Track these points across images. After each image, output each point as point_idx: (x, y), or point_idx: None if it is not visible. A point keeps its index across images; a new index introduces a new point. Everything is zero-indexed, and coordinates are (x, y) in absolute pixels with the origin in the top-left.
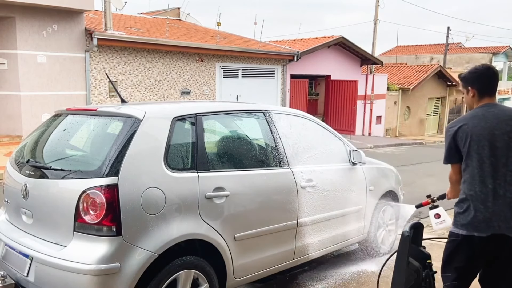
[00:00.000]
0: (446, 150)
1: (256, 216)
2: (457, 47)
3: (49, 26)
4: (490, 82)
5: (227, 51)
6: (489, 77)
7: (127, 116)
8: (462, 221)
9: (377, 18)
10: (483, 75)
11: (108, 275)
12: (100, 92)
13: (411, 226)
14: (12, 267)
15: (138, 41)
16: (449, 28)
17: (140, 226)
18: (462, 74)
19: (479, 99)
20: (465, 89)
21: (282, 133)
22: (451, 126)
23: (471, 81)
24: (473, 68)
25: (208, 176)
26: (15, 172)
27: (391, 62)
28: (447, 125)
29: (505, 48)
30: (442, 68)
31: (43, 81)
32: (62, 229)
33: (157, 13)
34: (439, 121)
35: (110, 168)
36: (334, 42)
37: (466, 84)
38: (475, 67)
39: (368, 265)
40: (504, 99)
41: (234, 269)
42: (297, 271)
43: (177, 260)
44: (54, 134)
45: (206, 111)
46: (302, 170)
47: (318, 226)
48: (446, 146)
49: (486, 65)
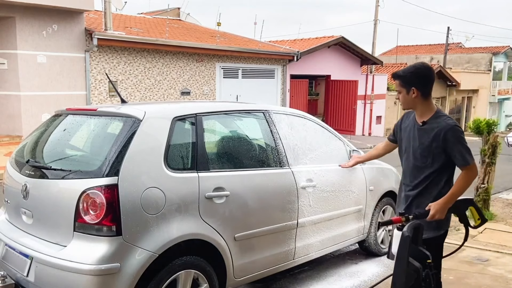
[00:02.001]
0: (468, 149)
1: (256, 216)
2: (457, 47)
3: (49, 26)
4: (433, 83)
5: (227, 51)
6: (433, 78)
7: (127, 116)
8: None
9: (377, 18)
10: (428, 76)
11: (108, 275)
12: (100, 92)
13: (411, 226)
14: (12, 267)
15: (138, 41)
16: (449, 28)
17: (140, 226)
18: (400, 72)
19: (424, 99)
20: (404, 89)
21: (282, 133)
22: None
23: (416, 81)
24: (414, 68)
25: (208, 176)
26: (15, 172)
27: (391, 62)
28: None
29: (505, 48)
30: (442, 68)
31: (43, 81)
32: (62, 229)
33: (157, 13)
34: None
35: (110, 168)
36: (334, 42)
37: (408, 83)
38: (416, 66)
39: (368, 265)
40: (504, 99)
41: (234, 269)
42: (297, 271)
43: (177, 260)
44: (54, 134)
45: (206, 111)
46: (302, 170)
47: (318, 226)
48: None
49: (427, 65)
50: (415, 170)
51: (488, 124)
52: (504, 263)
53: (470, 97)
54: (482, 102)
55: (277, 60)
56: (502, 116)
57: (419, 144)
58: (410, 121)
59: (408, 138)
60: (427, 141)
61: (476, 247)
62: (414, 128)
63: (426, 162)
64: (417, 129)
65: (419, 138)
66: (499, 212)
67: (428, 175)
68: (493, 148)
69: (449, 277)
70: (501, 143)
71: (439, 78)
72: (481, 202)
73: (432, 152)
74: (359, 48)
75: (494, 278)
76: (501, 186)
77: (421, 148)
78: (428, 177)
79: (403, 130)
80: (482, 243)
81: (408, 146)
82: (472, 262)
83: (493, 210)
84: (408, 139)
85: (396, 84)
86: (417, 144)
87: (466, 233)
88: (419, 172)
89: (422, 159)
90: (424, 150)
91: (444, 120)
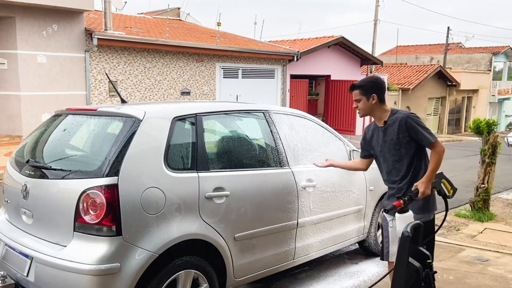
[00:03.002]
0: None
1: (256, 216)
2: (457, 47)
3: (49, 26)
4: (385, 91)
5: (227, 51)
6: (384, 86)
7: (127, 116)
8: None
9: (377, 18)
10: (383, 85)
11: (108, 275)
12: (100, 92)
13: (411, 226)
14: (12, 267)
15: (138, 41)
16: (449, 28)
17: (140, 226)
18: (360, 83)
19: (381, 104)
20: (364, 96)
21: (282, 133)
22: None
23: (374, 89)
24: (371, 78)
25: (208, 176)
26: (15, 172)
27: (391, 62)
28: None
29: (505, 48)
30: (442, 68)
31: (43, 81)
32: (62, 229)
33: (157, 13)
34: (439, 121)
35: (110, 168)
36: (334, 42)
37: (368, 92)
38: (372, 78)
39: (368, 265)
40: (504, 99)
41: (234, 269)
42: (297, 271)
43: (177, 260)
44: (54, 134)
45: (206, 111)
46: (302, 170)
47: (318, 226)
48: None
49: (377, 77)
50: (396, 164)
51: (488, 124)
52: (504, 263)
53: (470, 97)
54: (482, 102)
55: (277, 60)
56: (502, 116)
57: (389, 141)
58: (373, 130)
59: (378, 143)
60: (393, 135)
61: (476, 247)
62: (379, 132)
63: (401, 153)
64: (381, 131)
65: (388, 136)
66: (499, 212)
67: (409, 164)
68: (493, 148)
69: (449, 277)
70: (501, 143)
71: (439, 78)
72: (481, 202)
73: (401, 142)
74: (359, 48)
75: (494, 278)
76: (501, 186)
77: (391, 143)
78: (409, 165)
79: (372, 141)
80: (482, 243)
81: (381, 148)
82: (472, 262)
83: (493, 210)
84: (378, 143)
85: (356, 93)
86: (388, 141)
87: (446, 204)
88: (399, 165)
89: (396, 152)
90: (395, 144)
91: (399, 113)
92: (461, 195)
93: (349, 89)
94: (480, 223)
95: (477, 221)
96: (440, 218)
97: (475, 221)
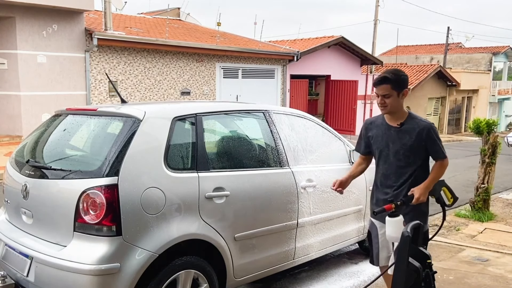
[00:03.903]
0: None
1: (256, 216)
2: (457, 47)
3: (49, 26)
4: None
5: (227, 51)
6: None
7: (127, 116)
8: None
9: (377, 18)
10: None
11: (108, 275)
12: (100, 92)
13: (411, 226)
14: (12, 267)
15: (138, 41)
16: (449, 28)
17: (140, 226)
18: (391, 77)
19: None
20: (395, 92)
21: (282, 133)
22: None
23: (406, 84)
24: (402, 72)
25: (208, 176)
26: (15, 172)
27: (391, 62)
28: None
29: (505, 48)
30: (442, 68)
31: (43, 81)
32: (62, 229)
33: (157, 13)
34: (439, 121)
35: (110, 168)
36: (334, 42)
37: (401, 87)
38: (401, 71)
39: (368, 265)
40: (504, 99)
41: (234, 269)
42: (297, 271)
43: (177, 260)
44: (54, 134)
45: (206, 111)
46: (302, 170)
47: (318, 226)
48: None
49: (402, 70)
50: (399, 170)
51: (488, 124)
52: (504, 263)
53: (470, 97)
54: (482, 102)
55: (277, 60)
56: (502, 116)
57: (401, 145)
58: (380, 127)
59: (384, 142)
60: (409, 141)
61: (476, 247)
62: (390, 131)
63: (408, 160)
64: (394, 132)
65: (400, 140)
66: (499, 212)
67: (412, 172)
68: (493, 148)
69: (449, 277)
70: (501, 143)
71: (439, 78)
72: (481, 202)
73: (414, 150)
74: (359, 48)
75: (494, 278)
76: (501, 186)
77: (404, 149)
78: (412, 174)
79: (374, 138)
80: (482, 243)
81: (385, 149)
82: (472, 262)
83: (493, 210)
84: (385, 143)
85: (387, 88)
86: (399, 145)
87: (444, 212)
88: (403, 171)
89: (405, 158)
90: (407, 150)
91: (421, 120)
92: (461, 195)
93: (377, 82)
94: (480, 223)
95: (477, 221)
96: (439, 220)
97: (475, 221)
